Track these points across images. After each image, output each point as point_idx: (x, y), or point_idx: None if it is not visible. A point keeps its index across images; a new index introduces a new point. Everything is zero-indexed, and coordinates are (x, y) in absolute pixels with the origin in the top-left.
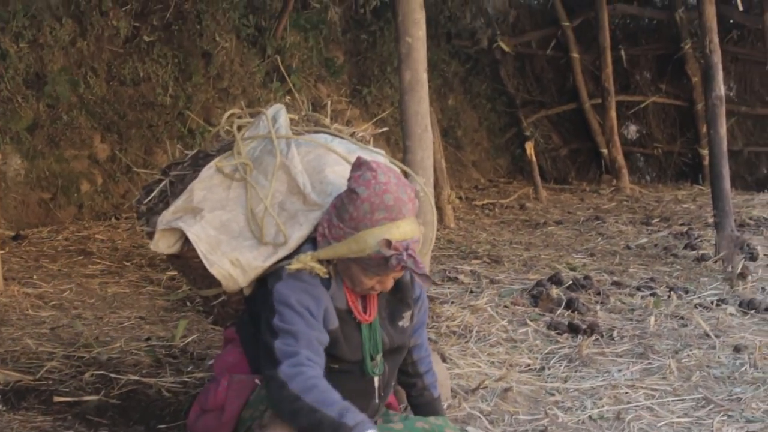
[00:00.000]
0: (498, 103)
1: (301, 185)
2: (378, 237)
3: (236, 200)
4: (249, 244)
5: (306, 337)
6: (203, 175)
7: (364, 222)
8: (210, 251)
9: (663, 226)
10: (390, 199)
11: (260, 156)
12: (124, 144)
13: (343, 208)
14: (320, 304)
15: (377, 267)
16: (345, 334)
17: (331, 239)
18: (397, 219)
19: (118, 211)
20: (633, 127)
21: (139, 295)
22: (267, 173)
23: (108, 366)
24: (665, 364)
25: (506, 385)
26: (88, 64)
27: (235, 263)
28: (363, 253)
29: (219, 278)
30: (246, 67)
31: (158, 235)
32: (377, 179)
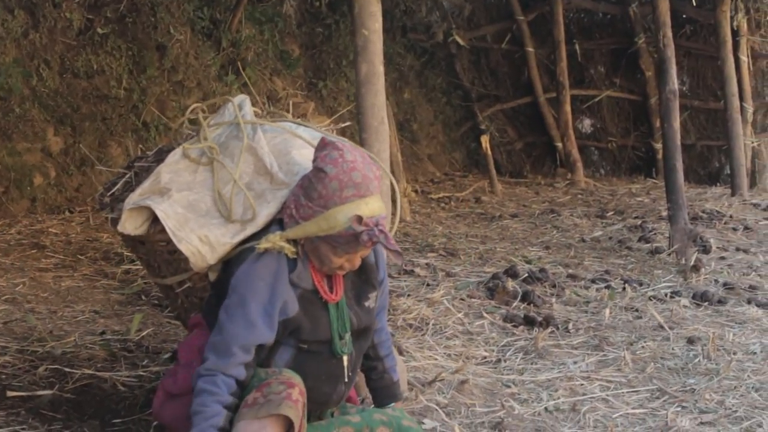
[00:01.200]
0: (453, 96)
1: (269, 165)
2: (348, 214)
3: (203, 183)
4: (217, 222)
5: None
6: (169, 160)
7: (333, 200)
8: (178, 228)
9: (617, 219)
10: (358, 176)
11: (226, 141)
12: (78, 137)
13: (311, 187)
14: (276, 296)
15: (347, 244)
16: (310, 315)
17: (299, 219)
18: (365, 196)
19: (72, 205)
20: (587, 120)
21: (94, 288)
22: (233, 156)
23: (62, 360)
24: (620, 356)
25: (463, 377)
26: (41, 57)
27: (204, 240)
28: (333, 230)
29: (187, 254)
30: (201, 60)
31: (125, 216)
32: (344, 158)
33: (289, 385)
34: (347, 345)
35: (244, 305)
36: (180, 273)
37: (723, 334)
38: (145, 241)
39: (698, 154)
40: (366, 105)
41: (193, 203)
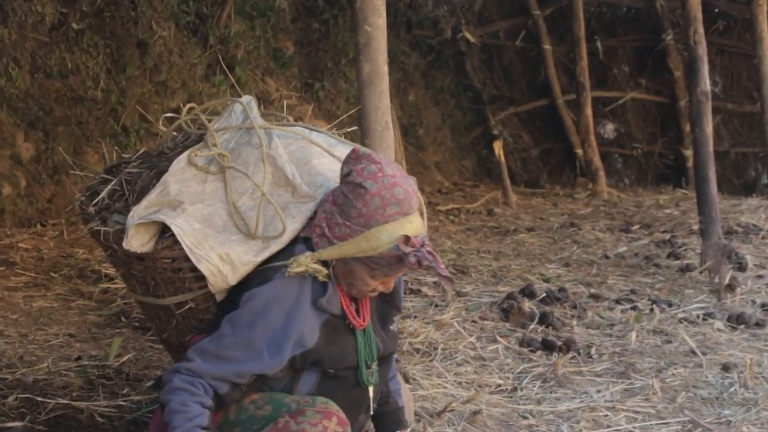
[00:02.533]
0: (463, 98)
1: (290, 176)
2: (392, 233)
3: (214, 194)
4: (237, 239)
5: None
6: (174, 168)
7: (375, 218)
8: (196, 245)
9: (644, 234)
10: (400, 192)
11: (237, 148)
12: (51, 143)
13: (347, 204)
14: (292, 326)
15: (388, 266)
16: (335, 342)
17: (333, 239)
18: (408, 213)
19: (44, 217)
20: (610, 125)
21: (69, 309)
22: (248, 165)
23: (34, 388)
24: (648, 384)
25: (475, 407)
26: (10, 54)
27: (225, 258)
28: (375, 251)
29: (207, 274)
30: (186, 59)
31: (132, 232)
32: (384, 172)
33: (325, 416)
34: (374, 374)
35: (252, 328)
36: (181, 293)
37: (761, 360)
38: (144, 258)
39: (732, 162)
40: (369, 108)
41: (208, 218)
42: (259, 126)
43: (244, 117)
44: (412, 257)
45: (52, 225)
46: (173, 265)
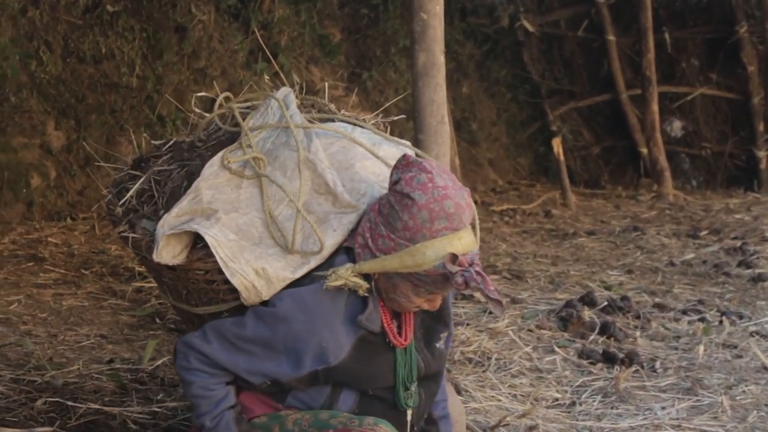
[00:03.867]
0: (520, 92)
1: (331, 183)
2: (439, 250)
3: (249, 201)
4: (274, 253)
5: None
6: (206, 173)
7: (421, 232)
8: (232, 258)
9: (712, 240)
10: (451, 206)
11: (274, 149)
12: (83, 132)
13: (393, 215)
14: (312, 340)
15: (433, 284)
16: (369, 361)
17: (376, 251)
18: (458, 229)
19: (75, 211)
20: (677, 123)
21: (100, 309)
22: (285, 169)
23: (64, 392)
24: (717, 402)
25: (531, 422)
26: (41, 37)
27: (261, 273)
28: (419, 268)
29: (240, 289)
30: (226, 45)
31: (163, 243)
32: (434, 183)
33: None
34: (412, 397)
35: (274, 330)
36: (214, 303)
37: None
38: (176, 268)
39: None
40: (424, 101)
41: (243, 228)
42: (296, 125)
43: (281, 114)
44: (459, 278)
45: (83, 219)
46: (206, 277)
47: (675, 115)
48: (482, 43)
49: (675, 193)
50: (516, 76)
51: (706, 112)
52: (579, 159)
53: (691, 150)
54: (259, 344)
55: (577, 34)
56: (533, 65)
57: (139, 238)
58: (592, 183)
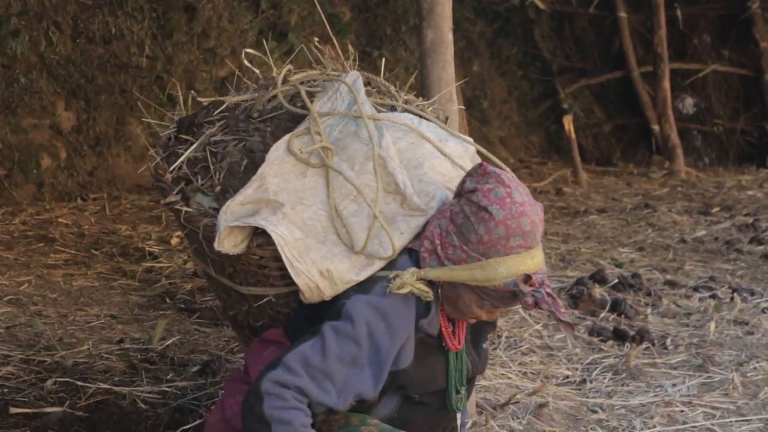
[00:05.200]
0: (531, 69)
1: (401, 184)
2: (512, 268)
3: (314, 191)
4: (339, 253)
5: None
6: (272, 158)
7: (495, 248)
8: (297, 258)
9: (724, 217)
10: (527, 223)
11: (342, 138)
12: (92, 112)
13: (468, 227)
14: (394, 345)
15: (500, 300)
16: (426, 364)
17: (445, 260)
18: (531, 247)
19: (85, 191)
20: (689, 100)
21: (110, 289)
22: (353, 162)
23: (74, 372)
24: (728, 379)
25: (541, 400)
26: (51, 18)
27: (325, 275)
28: (489, 283)
29: (303, 289)
30: (236, 24)
31: (225, 233)
32: (513, 198)
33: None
34: (462, 400)
35: (359, 345)
36: (261, 286)
37: None
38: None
39: None
40: (432, 79)
41: (309, 223)
42: (369, 117)
43: (351, 100)
44: (530, 298)
45: (94, 199)
46: (260, 262)
47: (687, 92)
48: (493, 20)
49: (687, 170)
50: (527, 54)
51: (718, 89)
52: (590, 137)
53: (703, 127)
54: (347, 363)
55: (589, 11)
56: (544, 43)
57: (193, 213)
58: (603, 160)
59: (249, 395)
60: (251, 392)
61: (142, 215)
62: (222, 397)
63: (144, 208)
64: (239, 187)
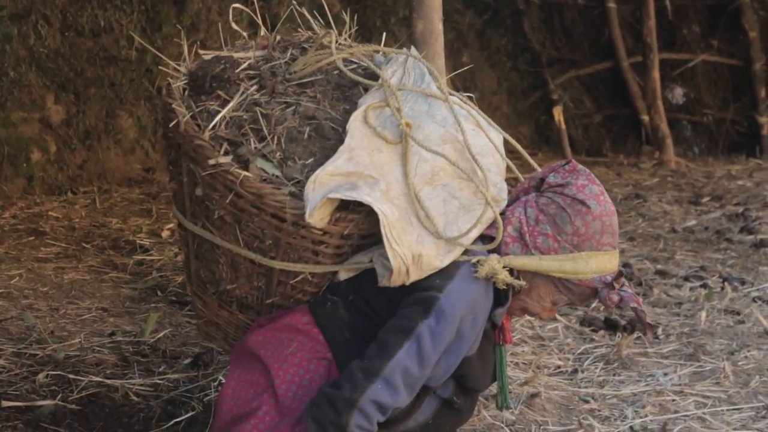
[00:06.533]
0: (520, 61)
1: (478, 172)
2: (601, 264)
3: (390, 168)
4: (427, 236)
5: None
6: (354, 129)
7: (590, 242)
8: (396, 240)
9: (714, 206)
10: (616, 223)
11: (415, 116)
12: (82, 105)
13: (563, 217)
14: (475, 333)
15: (579, 295)
16: (482, 355)
17: (533, 248)
18: (615, 248)
19: (75, 185)
20: (679, 90)
21: (101, 282)
22: (429, 143)
23: (66, 365)
24: (719, 367)
25: (533, 390)
26: (39, 11)
27: (416, 259)
28: (576, 276)
29: (394, 270)
30: (225, 17)
31: (319, 205)
32: (606, 198)
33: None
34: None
35: (449, 334)
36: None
37: None
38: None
39: None
40: None
41: (396, 202)
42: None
43: (417, 76)
44: (616, 295)
45: (84, 193)
46: (321, 237)
47: (676, 82)
48: (482, 12)
49: (677, 160)
50: (516, 45)
51: (708, 79)
52: (580, 127)
53: (693, 117)
54: (452, 362)
55: (578, 1)
56: (534, 34)
57: (252, 178)
58: (593, 151)
59: (339, 400)
60: (341, 398)
61: (133, 208)
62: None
63: (134, 201)
64: (304, 155)
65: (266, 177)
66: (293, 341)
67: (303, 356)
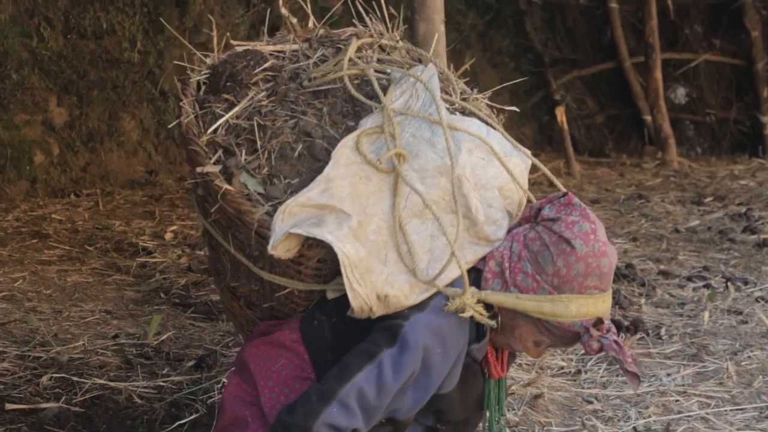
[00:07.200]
0: (523, 61)
1: (473, 209)
2: (583, 308)
3: (377, 198)
4: (400, 275)
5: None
6: (340, 156)
7: (571, 284)
8: (359, 281)
9: (717, 206)
10: (606, 265)
11: (415, 144)
12: (85, 108)
13: (545, 256)
14: (445, 368)
15: (560, 338)
16: (464, 389)
17: (512, 285)
18: (604, 290)
19: (78, 187)
20: (681, 89)
21: (105, 285)
22: (425, 174)
23: (69, 368)
24: (722, 368)
25: (536, 391)
26: (42, 14)
27: (382, 299)
28: (554, 318)
29: (356, 310)
30: (228, 18)
31: (283, 237)
32: (597, 236)
33: None
34: (503, 429)
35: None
36: (288, 277)
37: None
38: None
39: None
40: None
41: (371, 238)
42: (449, 126)
43: (427, 99)
44: (596, 343)
45: (87, 195)
46: (299, 259)
47: (679, 81)
48: (485, 12)
49: (679, 160)
50: (519, 46)
51: (710, 79)
52: (583, 128)
53: (696, 117)
54: (396, 394)
55: (580, 2)
56: (536, 34)
57: (233, 193)
58: (596, 151)
59: (293, 427)
60: (295, 425)
61: (136, 211)
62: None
63: (137, 203)
64: (290, 174)
65: (247, 193)
66: (281, 358)
67: (288, 374)
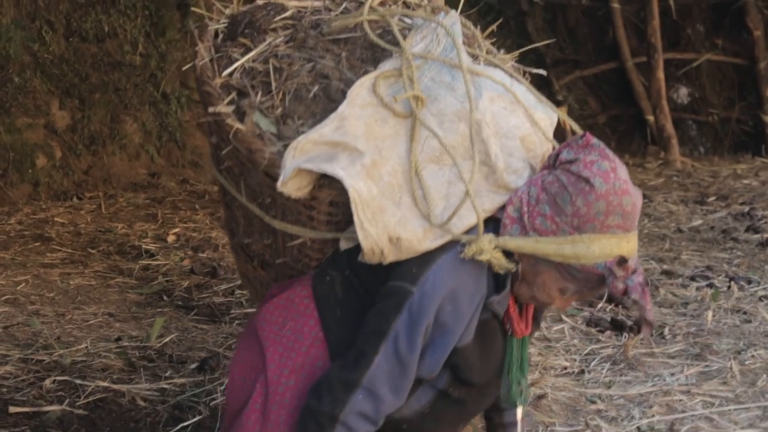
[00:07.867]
0: (525, 62)
1: (493, 156)
2: (606, 248)
3: (393, 141)
4: (414, 220)
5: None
6: (356, 96)
7: (592, 223)
8: (370, 220)
9: (720, 206)
10: (629, 203)
11: (434, 88)
12: (87, 111)
13: (564, 197)
14: (460, 324)
15: (584, 282)
16: (484, 348)
17: (530, 229)
18: (629, 230)
19: (81, 190)
20: (684, 89)
21: (107, 287)
22: (443, 118)
23: (72, 371)
24: (726, 367)
25: (540, 391)
26: (43, 17)
27: (394, 242)
28: (577, 261)
29: (366, 251)
30: None
31: (293, 174)
32: (617, 174)
33: None
34: (523, 393)
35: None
36: (300, 225)
37: None
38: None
39: None
40: None
41: (386, 179)
42: (469, 70)
43: (448, 45)
44: (620, 284)
45: (89, 198)
46: (311, 203)
47: (681, 81)
48: (486, 13)
49: (682, 160)
50: (521, 46)
51: (713, 78)
52: (585, 128)
53: (698, 116)
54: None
55: (581, 2)
56: (538, 35)
57: (245, 132)
58: None
59: (321, 415)
60: (323, 413)
61: (138, 213)
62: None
63: (140, 206)
64: (304, 115)
65: (259, 132)
66: (288, 321)
67: (296, 338)
